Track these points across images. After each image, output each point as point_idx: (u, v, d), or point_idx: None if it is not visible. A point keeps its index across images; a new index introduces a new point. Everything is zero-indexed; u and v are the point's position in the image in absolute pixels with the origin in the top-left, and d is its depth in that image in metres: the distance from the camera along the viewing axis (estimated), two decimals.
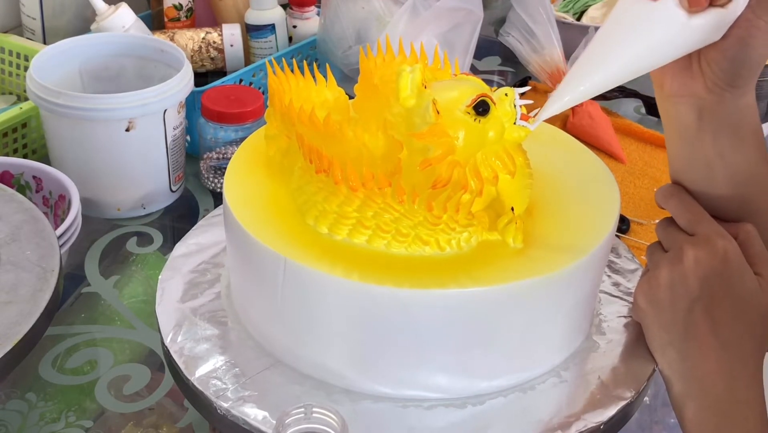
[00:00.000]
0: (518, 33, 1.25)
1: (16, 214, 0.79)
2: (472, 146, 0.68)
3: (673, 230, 0.71)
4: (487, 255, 0.69)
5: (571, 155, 0.81)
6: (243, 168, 0.77)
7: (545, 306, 0.69)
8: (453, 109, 0.68)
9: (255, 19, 1.22)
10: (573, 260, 0.69)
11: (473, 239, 0.69)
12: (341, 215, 0.68)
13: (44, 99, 0.96)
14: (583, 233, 0.72)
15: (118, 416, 0.79)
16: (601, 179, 0.78)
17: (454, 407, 0.70)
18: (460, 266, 0.68)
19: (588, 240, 0.71)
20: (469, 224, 0.68)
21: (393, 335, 0.67)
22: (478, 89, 0.69)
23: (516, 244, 0.69)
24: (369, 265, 0.67)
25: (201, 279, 0.80)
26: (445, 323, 0.67)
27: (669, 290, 0.69)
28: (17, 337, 0.67)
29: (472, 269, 0.67)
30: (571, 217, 0.73)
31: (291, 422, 0.56)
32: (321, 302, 0.68)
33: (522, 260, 0.69)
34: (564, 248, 0.70)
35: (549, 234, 0.71)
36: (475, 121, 0.68)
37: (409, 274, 0.66)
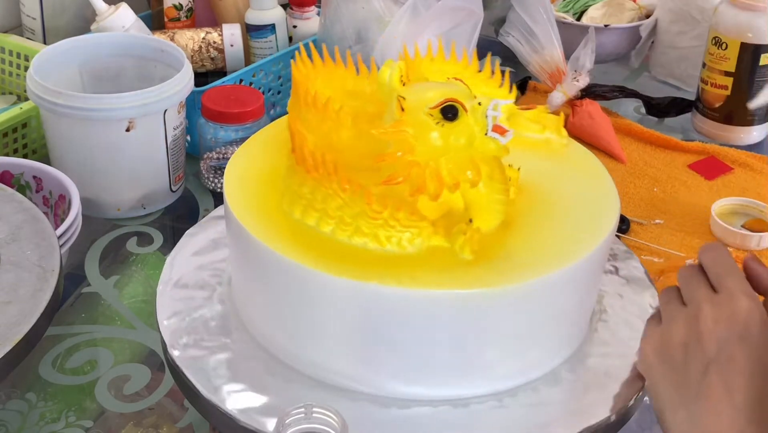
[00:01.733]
0: (518, 33, 1.25)
1: (16, 214, 0.79)
2: (435, 149, 0.67)
3: (697, 282, 0.67)
4: (487, 257, 0.69)
5: (571, 156, 0.81)
6: (243, 168, 0.77)
7: (545, 307, 0.69)
8: (419, 109, 0.68)
9: (255, 19, 1.22)
10: (570, 263, 0.69)
11: (418, 240, 0.68)
12: (297, 194, 0.69)
13: (44, 99, 0.96)
14: (582, 234, 0.72)
15: (118, 416, 0.79)
16: (599, 181, 0.78)
17: (453, 407, 0.70)
18: (461, 267, 0.68)
19: (587, 242, 0.71)
20: (412, 225, 0.67)
21: (393, 335, 0.67)
22: (456, 93, 0.68)
23: (463, 255, 0.67)
24: (369, 265, 0.67)
25: (201, 279, 0.80)
26: (446, 324, 0.67)
27: (683, 349, 0.65)
28: (17, 337, 0.67)
29: (471, 271, 0.67)
30: (569, 219, 0.73)
31: (291, 422, 0.56)
32: (321, 302, 0.68)
33: (521, 261, 0.69)
34: (562, 250, 0.70)
35: (547, 235, 0.71)
36: (438, 124, 0.67)
37: (409, 274, 0.66)
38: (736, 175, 1.15)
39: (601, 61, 1.35)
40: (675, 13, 1.34)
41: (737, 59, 1.17)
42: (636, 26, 1.38)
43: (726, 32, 1.17)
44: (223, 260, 0.82)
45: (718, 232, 1.02)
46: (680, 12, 1.33)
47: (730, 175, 1.15)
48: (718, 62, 1.19)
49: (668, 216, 1.07)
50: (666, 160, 1.18)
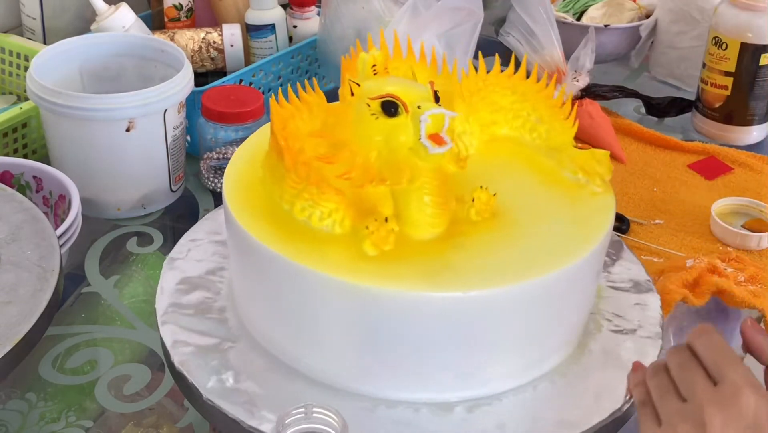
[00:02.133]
0: (518, 33, 1.25)
1: (16, 214, 0.79)
2: (363, 139, 0.68)
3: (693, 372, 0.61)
4: (485, 259, 0.69)
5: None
6: (243, 168, 0.77)
7: (543, 308, 0.69)
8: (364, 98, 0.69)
9: (255, 19, 1.22)
10: (567, 264, 0.69)
11: (330, 221, 0.68)
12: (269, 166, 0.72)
13: (44, 99, 0.96)
14: (580, 234, 0.72)
15: (118, 416, 0.79)
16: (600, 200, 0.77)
17: (453, 407, 0.70)
18: (461, 269, 0.68)
19: (583, 243, 0.71)
20: (323, 203, 0.68)
21: (392, 336, 0.67)
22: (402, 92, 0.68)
23: (364, 247, 0.67)
24: (369, 265, 0.67)
25: (201, 279, 0.80)
26: (444, 325, 0.67)
27: None
28: (17, 337, 0.67)
29: (469, 273, 0.67)
30: (567, 219, 0.73)
31: (291, 422, 0.56)
32: (321, 302, 0.68)
33: (520, 263, 0.69)
34: (561, 249, 0.70)
35: (545, 236, 0.71)
36: (373, 116, 0.68)
37: (410, 275, 0.66)
38: (736, 175, 1.15)
39: (601, 61, 1.35)
40: (675, 13, 1.34)
41: (737, 59, 1.17)
42: (636, 26, 1.38)
43: (726, 32, 1.17)
44: (222, 260, 0.82)
45: (718, 232, 1.02)
46: (680, 12, 1.33)
47: (730, 175, 1.15)
48: (718, 62, 1.19)
49: (668, 216, 1.07)
50: (666, 160, 1.18)
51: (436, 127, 0.66)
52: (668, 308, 0.87)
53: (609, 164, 0.77)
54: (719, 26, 1.18)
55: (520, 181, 0.77)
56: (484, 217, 0.72)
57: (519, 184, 0.77)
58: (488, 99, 0.79)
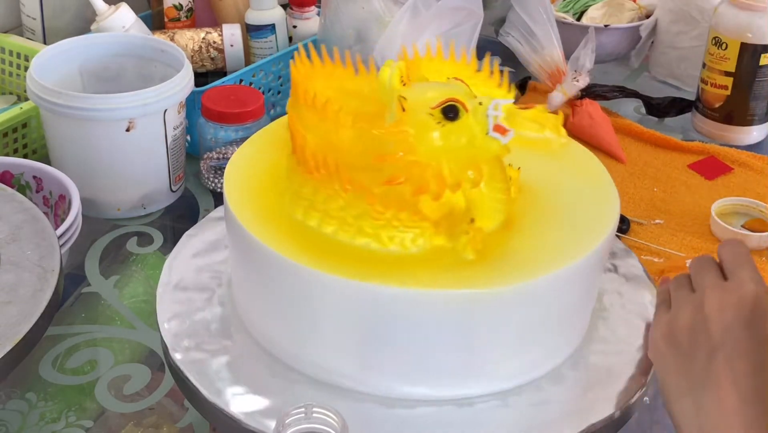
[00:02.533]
0: (518, 33, 1.25)
1: (16, 214, 0.79)
2: (436, 149, 0.67)
3: (708, 270, 0.67)
4: (488, 257, 0.69)
5: (570, 156, 0.81)
6: (243, 168, 0.77)
7: (546, 307, 0.69)
8: (420, 109, 0.67)
9: (255, 19, 1.22)
10: (570, 262, 0.69)
11: (421, 240, 0.68)
12: (298, 195, 0.69)
13: (44, 99, 0.96)
14: (582, 234, 0.72)
15: (118, 416, 0.79)
16: (599, 180, 0.78)
17: (456, 407, 0.70)
18: (461, 267, 0.68)
19: (587, 241, 0.71)
20: (414, 225, 0.67)
21: (393, 335, 0.67)
22: (457, 93, 0.68)
23: (466, 255, 0.67)
24: (370, 265, 0.67)
25: (201, 279, 0.80)
26: (445, 323, 0.67)
27: (690, 334, 0.65)
28: (17, 337, 0.67)
29: (471, 271, 0.67)
30: (570, 217, 0.73)
31: (291, 422, 0.56)
32: (321, 302, 0.68)
33: (522, 261, 0.69)
34: (562, 249, 0.70)
35: (547, 235, 0.71)
36: (439, 124, 0.67)
37: (410, 274, 0.66)
38: (736, 175, 1.15)
39: (601, 61, 1.35)
40: (675, 13, 1.34)
41: (737, 59, 1.17)
42: (636, 26, 1.38)
43: (726, 32, 1.17)
44: (223, 260, 0.82)
45: (718, 232, 1.02)
46: (680, 12, 1.33)
47: (730, 175, 1.15)
48: (718, 62, 1.19)
49: (668, 216, 1.07)
50: (666, 160, 1.18)
51: (497, 118, 0.67)
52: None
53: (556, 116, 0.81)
54: (719, 26, 1.18)
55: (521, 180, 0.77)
56: (516, 195, 0.73)
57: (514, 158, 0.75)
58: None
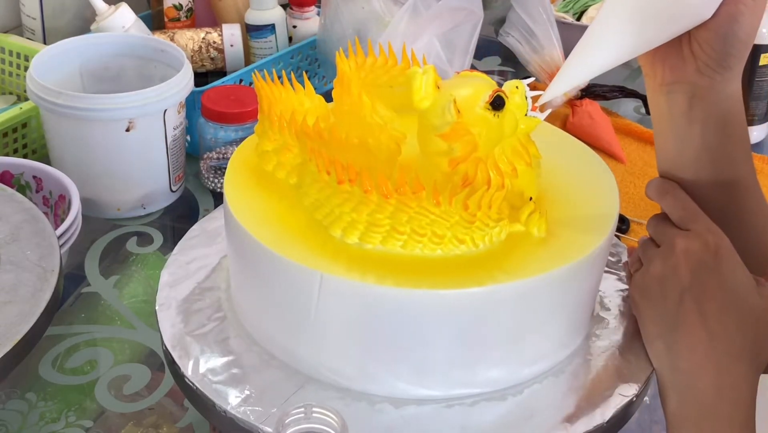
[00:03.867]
0: (518, 33, 1.25)
1: (16, 214, 0.79)
2: (492, 142, 0.69)
3: (666, 226, 0.70)
4: (487, 255, 0.69)
5: (571, 154, 0.81)
6: (243, 168, 0.77)
7: (545, 305, 0.69)
8: (471, 107, 0.68)
9: (255, 19, 1.22)
10: (572, 260, 0.69)
11: (503, 233, 0.69)
12: (373, 223, 0.67)
13: (44, 99, 0.96)
14: (583, 232, 0.72)
15: (118, 416, 0.79)
16: (600, 178, 0.78)
17: (455, 406, 0.70)
18: (459, 266, 0.68)
19: (587, 240, 0.71)
20: (500, 219, 0.68)
21: (393, 336, 0.67)
22: (489, 85, 0.69)
23: (540, 233, 0.70)
24: (369, 265, 0.67)
25: (201, 279, 0.80)
26: (446, 323, 0.67)
27: (660, 281, 0.68)
28: (17, 337, 0.67)
29: (470, 270, 0.67)
30: (570, 216, 0.73)
31: (291, 422, 0.56)
32: (321, 302, 0.68)
33: (522, 260, 0.69)
34: (563, 247, 0.70)
35: (548, 234, 0.71)
36: (495, 117, 0.68)
37: (409, 274, 0.66)
38: None
39: None
40: None
41: None
42: None
43: None
44: (222, 259, 0.82)
45: None
46: None
47: None
48: None
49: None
50: None
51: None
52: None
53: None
54: None
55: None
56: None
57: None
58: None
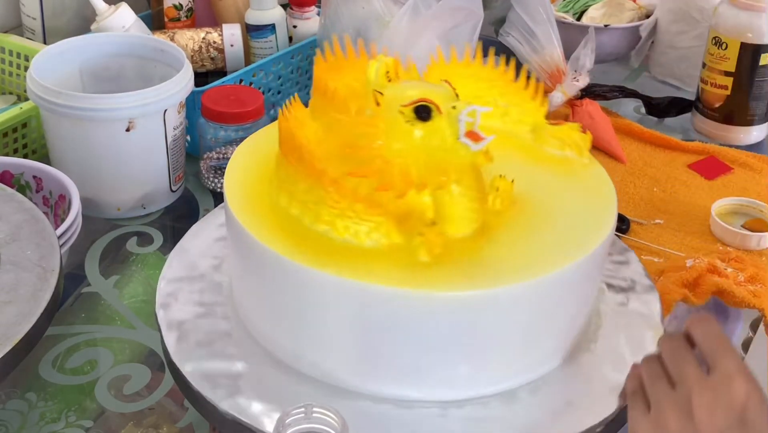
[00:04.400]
0: (518, 33, 1.25)
1: (16, 214, 0.79)
2: (405, 148, 0.67)
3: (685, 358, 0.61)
4: (485, 258, 0.69)
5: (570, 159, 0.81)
6: (243, 168, 0.77)
7: (543, 308, 0.69)
8: (395, 107, 0.68)
9: (255, 19, 1.22)
10: (570, 262, 0.69)
11: (376, 234, 0.68)
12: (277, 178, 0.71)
13: (44, 99, 0.96)
14: (581, 234, 0.72)
15: (118, 416, 0.79)
16: (597, 180, 0.78)
17: (455, 408, 0.70)
18: (459, 268, 0.68)
19: (586, 241, 0.71)
20: (369, 218, 0.67)
21: (392, 336, 0.67)
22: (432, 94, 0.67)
23: (420, 256, 0.67)
24: (368, 265, 0.67)
25: (201, 278, 0.80)
26: (446, 325, 0.67)
27: None
28: (17, 337, 0.67)
29: (467, 273, 0.67)
30: (568, 218, 0.73)
31: (291, 422, 0.56)
32: (320, 302, 0.68)
33: (520, 262, 0.69)
34: (561, 249, 0.70)
35: (546, 236, 0.71)
36: (408, 123, 0.67)
37: (409, 276, 0.66)
38: (736, 175, 1.15)
39: (601, 61, 1.35)
40: (675, 13, 1.34)
41: (737, 59, 1.17)
42: (636, 26, 1.38)
43: (726, 32, 1.18)
44: (222, 259, 0.82)
45: (718, 232, 1.02)
46: (680, 12, 1.33)
47: (730, 175, 1.15)
48: (718, 62, 1.19)
49: (668, 216, 1.07)
50: (666, 160, 1.18)
51: (472, 124, 0.67)
52: (668, 308, 0.87)
53: (585, 136, 0.79)
54: (719, 26, 1.18)
55: (514, 165, 0.76)
56: (506, 206, 0.72)
57: (515, 168, 0.76)
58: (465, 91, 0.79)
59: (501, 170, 0.73)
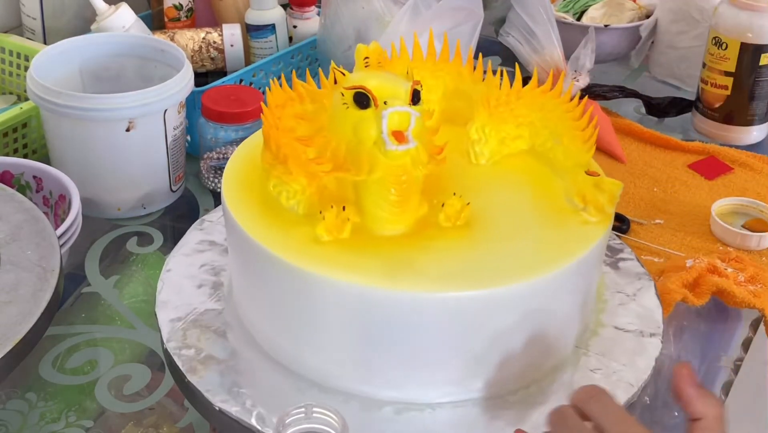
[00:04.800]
0: (518, 33, 1.25)
1: (17, 214, 0.79)
2: (337, 127, 0.69)
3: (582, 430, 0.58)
4: (481, 258, 0.69)
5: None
6: (242, 168, 0.77)
7: (541, 308, 0.69)
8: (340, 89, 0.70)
9: (255, 19, 1.22)
10: (568, 262, 0.69)
11: (295, 201, 0.70)
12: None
13: (44, 99, 0.96)
14: (579, 234, 0.72)
15: (118, 416, 0.79)
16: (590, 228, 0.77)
17: (455, 409, 0.70)
18: (458, 269, 0.68)
19: (583, 241, 0.71)
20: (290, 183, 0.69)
21: (392, 337, 0.67)
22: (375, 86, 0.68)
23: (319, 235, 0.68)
24: (368, 266, 0.67)
25: (201, 279, 0.80)
26: (445, 325, 0.67)
27: None
28: (17, 337, 0.67)
29: (471, 274, 0.67)
30: (566, 218, 0.73)
31: (291, 422, 0.56)
32: (319, 303, 0.68)
33: (518, 262, 0.69)
34: (559, 249, 0.70)
35: (544, 236, 0.71)
36: (344, 105, 0.68)
37: (408, 276, 0.66)
38: (736, 175, 1.15)
39: (601, 61, 1.35)
40: (675, 13, 1.34)
41: (737, 59, 1.17)
42: (636, 26, 1.38)
43: (726, 32, 1.18)
44: (222, 259, 0.82)
45: (718, 232, 1.02)
46: (680, 12, 1.33)
47: (730, 175, 1.15)
48: (718, 62, 1.19)
49: (668, 216, 1.07)
50: (666, 160, 1.18)
51: (401, 125, 0.66)
52: (668, 308, 0.87)
53: (615, 195, 0.73)
54: (719, 26, 1.18)
55: (517, 197, 0.76)
56: (453, 224, 0.71)
57: (513, 199, 0.76)
58: (516, 112, 0.78)
59: (494, 197, 0.74)
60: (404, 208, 0.70)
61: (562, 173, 0.77)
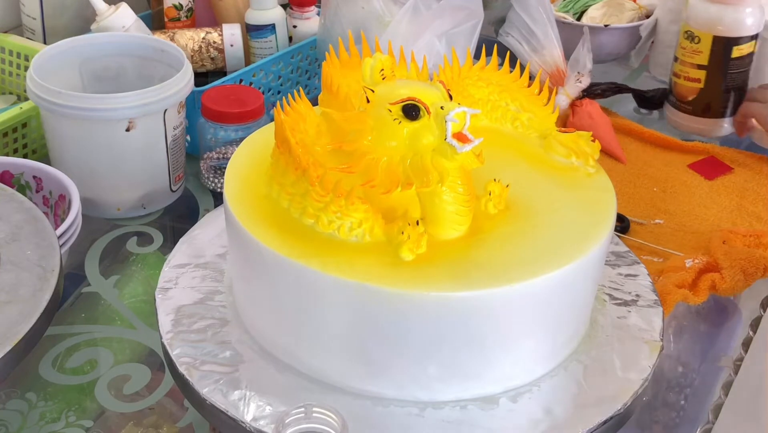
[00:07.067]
0: (518, 33, 1.25)
1: (16, 214, 0.79)
2: (392, 146, 0.68)
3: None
4: (483, 258, 0.69)
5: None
6: (243, 168, 0.77)
7: (542, 308, 0.69)
8: (383, 105, 0.68)
9: (255, 19, 1.22)
10: (570, 262, 0.69)
11: (360, 231, 0.68)
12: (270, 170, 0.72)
13: (44, 99, 0.96)
14: (580, 234, 0.72)
15: (118, 415, 0.79)
16: (599, 188, 0.78)
17: (452, 408, 0.70)
18: (458, 269, 0.68)
19: (585, 242, 0.71)
20: (352, 214, 0.67)
21: (392, 336, 0.67)
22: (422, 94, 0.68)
23: (400, 253, 0.67)
24: (369, 265, 0.67)
25: (202, 279, 0.80)
26: (446, 325, 0.67)
27: None
28: (17, 337, 0.67)
29: (469, 273, 0.67)
30: (568, 219, 0.73)
31: (291, 422, 0.56)
32: (320, 302, 0.68)
33: (519, 262, 0.69)
34: (560, 250, 0.70)
35: (545, 236, 0.71)
36: (396, 121, 0.67)
37: (409, 276, 0.66)
38: (736, 175, 1.15)
39: (601, 61, 1.35)
40: (675, 13, 1.34)
41: (710, 52, 1.18)
42: (636, 26, 1.38)
43: (698, 26, 1.18)
44: (222, 259, 0.82)
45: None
46: (680, 12, 1.33)
47: (730, 175, 1.15)
48: (690, 56, 1.20)
49: (668, 216, 1.07)
50: (666, 160, 1.18)
51: (460, 125, 0.67)
52: (668, 308, 0.87)
53: (594, 144, 0.79)
54: (691, 20, 1.19)
55: (517, 170, 0.77)
56: (499, 209, 0.72)
57: (517, 173, 0.77)
58: (465, 92, 0.80)
59: (501, 174, 0.74)
60: (470, 206, 0.70)
61: (535, 140, 0.81)
